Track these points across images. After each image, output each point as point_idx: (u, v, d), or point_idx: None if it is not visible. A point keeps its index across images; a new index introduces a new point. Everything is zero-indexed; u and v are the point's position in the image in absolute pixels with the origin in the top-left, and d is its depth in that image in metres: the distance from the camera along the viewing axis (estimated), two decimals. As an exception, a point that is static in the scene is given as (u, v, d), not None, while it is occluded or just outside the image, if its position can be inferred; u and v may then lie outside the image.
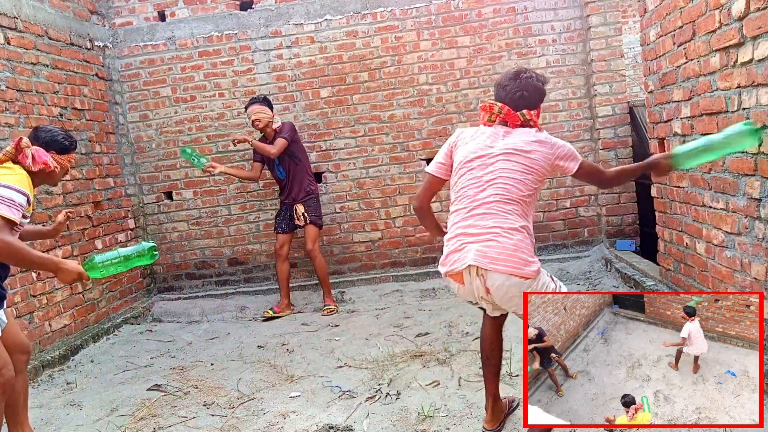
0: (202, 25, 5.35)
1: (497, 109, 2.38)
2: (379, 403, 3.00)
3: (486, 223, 2.25)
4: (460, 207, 2.35)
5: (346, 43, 5.27)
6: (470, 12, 5.18)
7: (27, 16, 4.25)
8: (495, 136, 2.39)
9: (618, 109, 5.06)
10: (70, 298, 4.40)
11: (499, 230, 2.23)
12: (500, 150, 2.34)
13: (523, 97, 2.37)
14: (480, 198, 2.30)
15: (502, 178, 2.29)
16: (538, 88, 2.41)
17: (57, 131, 2.78)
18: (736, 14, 2.55)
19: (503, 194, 2.28)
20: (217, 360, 3.97)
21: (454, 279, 2.32)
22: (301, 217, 4.83)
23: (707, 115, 3.00)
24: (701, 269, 3.33)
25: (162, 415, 3.14)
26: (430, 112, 5.29)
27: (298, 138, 4.89)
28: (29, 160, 2.57)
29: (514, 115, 2.36)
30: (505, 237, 2.22)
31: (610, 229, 5.18)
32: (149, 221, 5.58)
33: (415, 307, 4.71)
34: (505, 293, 2.23)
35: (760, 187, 2.54)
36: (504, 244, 2.21)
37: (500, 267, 2.19)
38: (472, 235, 2.26)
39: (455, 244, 2.30)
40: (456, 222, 2.35)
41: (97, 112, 5.05)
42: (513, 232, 2.24)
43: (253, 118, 4.70)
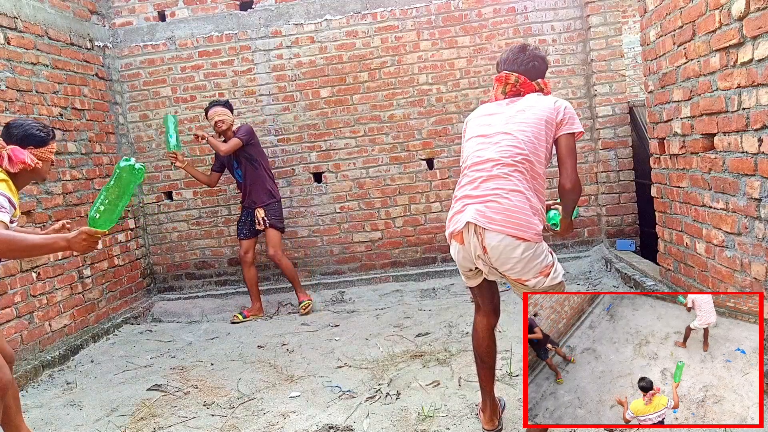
0: (202, 25, 5.35)
1: (514, 78, 2.42)
2: (379, 403, 3.00)
3: (488, 185, 2.28)
4: (468, 173, 2.39)
5: (346, 43, 5.28)
6: (470, 12, 5.18)
7: (27, 16, 4.25)
8: (500, 105, 2.45)
9: (618, 109, 5.06)
10: (70, 298, 4.40)
11: (500, 191, 2.25)
12: (508, 115, 2.38)
13: (535, 67, 2.46)
14: (484, 161, 2.33)
15: (507, 139, 2.32)
16: (545, 59, 2.53)
17: (30, 124, 2.62)
18: (736, 14, 2.55)
19: (507, 157, 2.29)
20: (217, 360, 3.97)
21: (456, 240, 2.35)
22: (261, 221, 4.79)
23: (707, 115, 3.00)
24: (701, 269, 3.33)
25: (162, 415, 3.14)
26: (430, 112, 5.29)
27: (256, 141, 4.84)
28: (5, 161, 2.47)
29: (530, 84, 2.43)
30: (506, 198, 2.24)
31: (610, 229, 5.18)
32: (149, 221, 5.58)
33: (415, 307, 4.71)
34: (501, 253, 2.23)
35: (760, 187, 2.54)
36: (505, 205, 2.23)
37: (497, 227, 2.20)
38: (474, 197, 2.30)
39: (458, 206, 2.34)
40: (462, 185, 2.39)
41: (97, 112, 5.05)
42: (515, 193, 2.24)
43: (216, 120, 4.65)
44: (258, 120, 5.37)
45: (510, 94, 2.45)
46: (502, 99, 2.47)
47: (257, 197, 4.81)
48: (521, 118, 2.34)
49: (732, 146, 2.76)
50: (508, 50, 2.53)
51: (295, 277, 4.93)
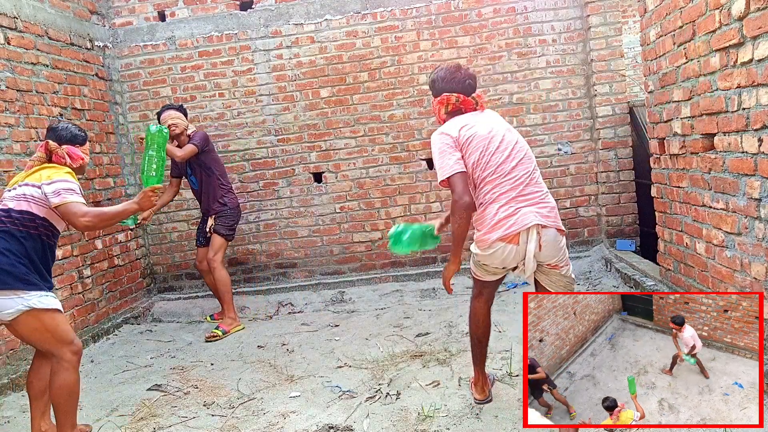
0: (202, 25, 5.35)
1: (455, 98, 2.64)
2: (379, 403, 3.00)
3: (531, 189, 2.53)
4: (500, 181, 2.53)
5: (346, 43, 5.28)
6: (470, 12, 5.18)
7: (27, 16, 4.25)
8: (483, 120, 2.63)
9: (618, 109, 5.06)
10: (70, 298, 4.40)
11: (542, 194, 2.55)
12: (503, 130, 2.61)
13: (471, 85, 2.68)
14: (517, 170, 2.54)
15: (521, 152, 2.59)
16: (475, 77, 2.74)
17: (71, 127, 2.97)
18: (736, 14, 2.55)
19: (530, 164, 2.58)
20: (217, 360, 3.97)
21: (507, 241, 2.48)
22: (210, 228, 4.67)
23: (707, 115, 3.00)
24: (701, 269, 3.33)
25: (162, 415, 3.14)
26: (430, 112, 5.28)
27: (211, 148, 4.67)
28: (67, 159, 2.83)
29: (468, 100, 2.65)
30: (548, 200, 2.56)
31: (610, 229, 5.18)
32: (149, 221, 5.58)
33: (415, 307, 4.71)
34: (552, 247, 2.52)
35: (760, 187, 2.54)
36: (550, 205, 2.54)
37: (551, 223, 2.50)
38: (522, 201, 2.49)
39: (507, 210, 2.49)
40: (502, 192, 2.52)
41: (97, 112, 5.05)
42: (549, 195, 2.59)
43: (169, 123, 4.48)
44: (258, 120, 5.38)
45: (451, 111, 2.67)
46: (445, 118, 2.68)
47: (209, 205, 4.67)
48: (513, 131, 2.66)
49: (732, 146, 2.76)
50: (443, 70, 2.71)
51: (227, 291, 4.61)
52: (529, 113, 5.23)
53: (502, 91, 5.22)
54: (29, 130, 4.14)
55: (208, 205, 4.70)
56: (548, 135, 5.23)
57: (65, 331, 2.69)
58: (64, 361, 2.67)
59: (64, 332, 2.69)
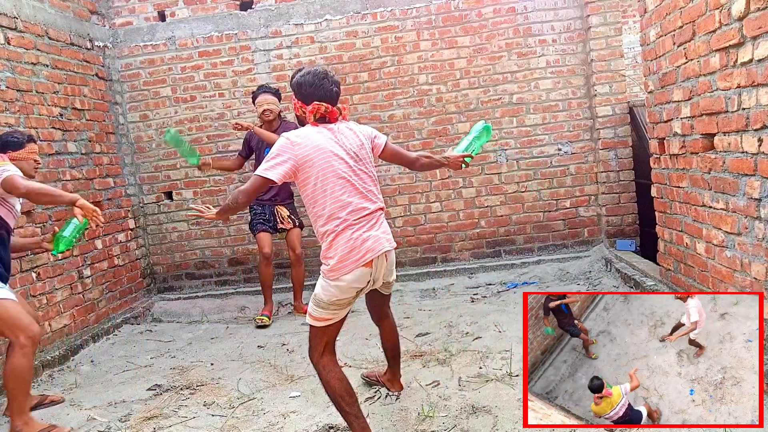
0: (202, 25, 5.35)
1: (324, 108, 2.54)
2: (379, 403, 3.00)
3: (369, 206, 2.51)
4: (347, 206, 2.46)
5: (346, 43, 5.28)
6: (470, 12, 5.18)
7: (27, 16, 4.25)
8: (331, 136, 2.52)
9: (618, 109, 5.06)
10: (70, 298, 4.40)
11: (380, 212, 2.57)
12: (350, 146, 2.54)
13: (337, 93, 2.60)
14: (359, 187, 2.50)
15: (363, 163, 2.56)
16: (339, 83, 2.66)
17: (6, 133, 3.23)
18: (736, 14, 2.55)
19: (370, 178, 2.58)
20: (217, 360, 3.97)
21: (363, 266, 2.45)
22: (288, 220, 4.73)
23: (707, 115, 3.00)
24: (701, 269, 3.33)
25: (162, 415, 3.14)
26: (430, 112, 5.29)
27: None
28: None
29: (334, 110, 2.57)
30: (384, 218, 2.61)
31: (610, 229, 5.18)
32: (149, 221, 5.58)
33: (415, 307, 4.70)
34: (391, 264, 2.63)
35: (760, 187, 2.54)
36: (385, 224, 2.60)
37: (392, 244, 2.58)
38: (366, 224, 2.48)
39: (356, 240, 2.44)
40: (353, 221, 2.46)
41: (97, 112, 5.05)
42: (383, 212, 2.62)
43: (264, 108, 4.53)
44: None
45: (319, 119, 2.56)
46: (316, 126, 2.54)
47: (279, 193, 4.71)
48: (364, 151, 2.59)
49: (732, 146, 2.76)
50: (311, 74, 2.56)
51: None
52: (529, 113, 5.23)
53: (502, 91, 5.22)
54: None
55: (277, 193, 4.69)
56: (548, 135, 5.23)
57: (16, 318, 2.94)
58: (17, 346, 2.93)
59: (16, 319, 2.94)
